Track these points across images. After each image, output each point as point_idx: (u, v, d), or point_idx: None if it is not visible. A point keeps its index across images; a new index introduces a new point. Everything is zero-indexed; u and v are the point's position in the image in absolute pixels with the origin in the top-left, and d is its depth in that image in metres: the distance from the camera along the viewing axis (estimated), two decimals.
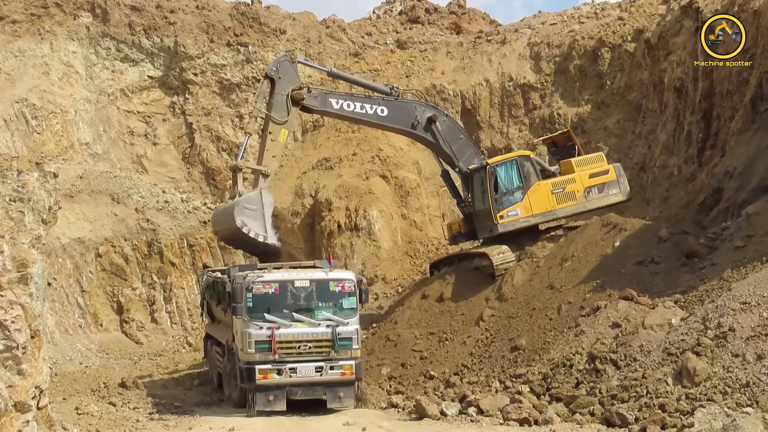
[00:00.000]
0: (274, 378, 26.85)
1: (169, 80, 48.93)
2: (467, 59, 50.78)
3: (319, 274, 28.21)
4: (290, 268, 29.65)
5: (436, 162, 39.68)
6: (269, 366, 26.83)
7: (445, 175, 36.96)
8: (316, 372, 27.10)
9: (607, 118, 46.30)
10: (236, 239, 32.87)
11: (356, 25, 56.12)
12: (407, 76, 50.43)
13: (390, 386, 30.63)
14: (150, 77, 48.83)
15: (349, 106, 34.79)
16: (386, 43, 53.85)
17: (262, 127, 33.60)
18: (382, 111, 35.17)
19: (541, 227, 35.67)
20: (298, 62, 35.03)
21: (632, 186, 42.37)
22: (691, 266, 29.37)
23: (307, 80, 36.77)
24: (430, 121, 35.52)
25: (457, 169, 35.89)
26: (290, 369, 26.92)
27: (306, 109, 34.75)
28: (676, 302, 27.06)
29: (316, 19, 53.81)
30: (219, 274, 32.45)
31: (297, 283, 27.56)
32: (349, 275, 28.60)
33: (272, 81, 33.39)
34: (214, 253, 44.15)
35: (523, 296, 31.65)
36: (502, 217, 34.60)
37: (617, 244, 31.32)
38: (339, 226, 43.65)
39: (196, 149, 47.99)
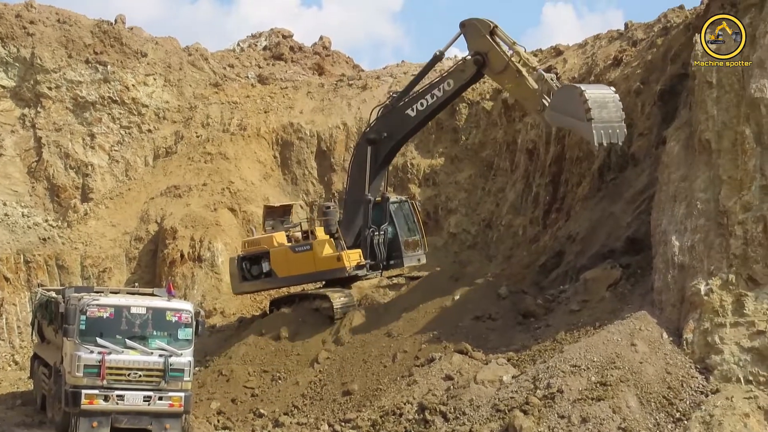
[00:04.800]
0: (100, 404, 26.32)
1: (22, 92, 47.75)
2: (327, 101, 50.88)
3: (156, 303, 27.86)
4: (128, 293, 29.23)
5: (288, 199, 39.75)
6: (96, 391, 26.29)
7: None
8: (144, 401, 26.67)
9: (459, 172, 46.74)
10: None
11: (219, 56, 55.77)
12: (266, 112, 50.28)
13: (218, 421, 30.33)
14: (2, 87, 47.61)
15: None
16: (248, 77, 53.65)
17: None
18: None
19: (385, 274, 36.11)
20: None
21: (477, 242, 43.09)
22: (526, 325, 29.88)
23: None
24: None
25: (368, 195, 35.22)
26: (118, 396, 26.43)
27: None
28: (509, 360, 27.47)
29: (179, 46, 53.32)
30: (54, 294, 31.76)
31: (133, 310, 27.14)
32: (186, 306, 28.32)
33: None
34: (51, 272, 43.15)
35: (360, 341, 31.69)
36: None
37: (457, 297, 31.66)
38: (182, 256, 43.10)
39: (42, 164, 46.86)
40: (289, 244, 36.34)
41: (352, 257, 34.70)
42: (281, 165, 48.93)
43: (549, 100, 30.65)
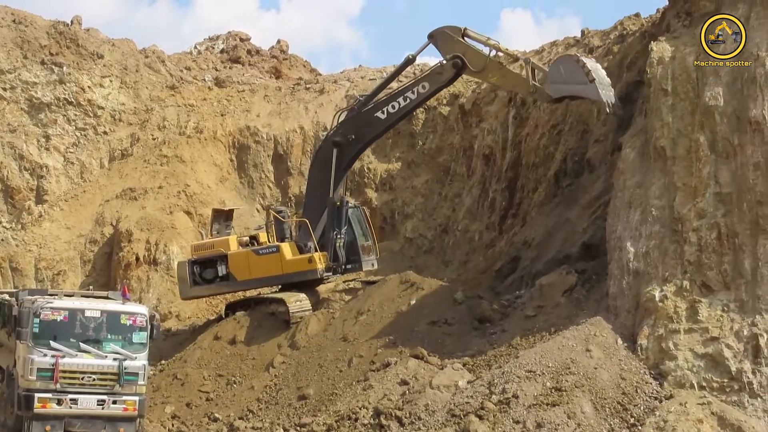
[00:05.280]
0: (53, 408, 26.02)
1: None
2: (284, 104, 50.84)
3: (111, 306, 27.56)
4: (82, 296, 29.01)
5: (244, 203, 39.70)
6: (49, 395, 26.02)
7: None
8: (97, 405, 26.39)
9: (415, 177, 46.83)
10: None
11: (176, 58, 55.60)
12: (222, 115, 50.20)
13: (173, 425, 30.15)
14: None
15: None
16: (204, 80, 53.52)
17: None
18: None
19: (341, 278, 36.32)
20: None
21: (434, 247, 43.12)
22: (482, 331, 29.91)
23: None
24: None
25: (340, 195, 35.77)
26: (71, 400, 26.13)
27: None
28: (464, 365, 27.50)
29: (135, 48, 53.15)
30: (7, 296, 31.43)
31: (87, 313, 26.83)
32: (141, 309, 28.05)
33: None
34: (5, 274, 42.86)
35: (316, 346, 31.62)
36: None
37: (413, 302, 31.64)
38: (137, 259, 42.92)
39: None
40: (253, 247, 36.26)
41: (322, 259, 34.81)
42: (238, 168, 48.87)
43: (537, 81, 32.06)
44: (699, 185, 25.87)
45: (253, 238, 37.13)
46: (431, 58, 51.73)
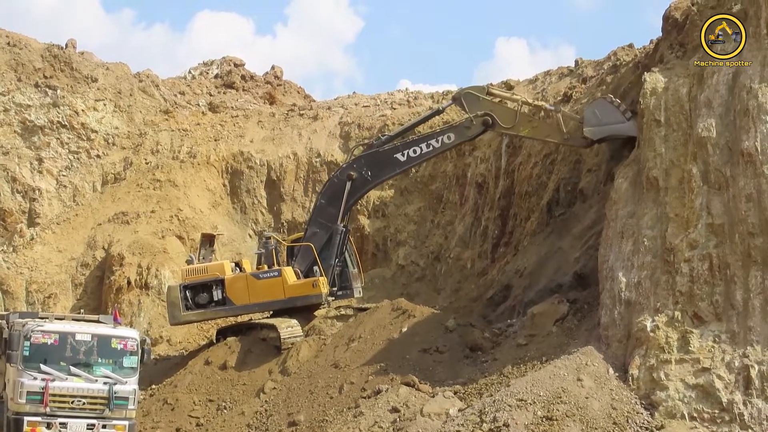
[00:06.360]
0: None
1: None
2: (278, 130, 50.84)
3: (101, 330, 27.49)
4: (73, 320, 28.95)
5: (236, 228, 39.69)
6: (39, 419, 25.89)
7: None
8: (87, 429, 26.27)
9: (408, 204, 46.82)
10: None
11: (170, 83, 55.64)
12: (216, 140, 50.19)
13: None
14: None
15: None
16: (198, 105, 53.55)
17: None
18: None
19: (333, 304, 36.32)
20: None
21: (425, 274, 43.03)
22: (474, 359, 29.89)
23: None
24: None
25: (343, 224, 35.99)
26: (61, 424, 26.00)
27: None
28: (455, 393, 27.46)
29: (129, 72, 53.15)
30: None
31: (78, 337, 26.75)
32: (132, 333, 27.97)
33: None
34: None
35: (307, 372, 31.58)
36: None
37: (405, 329, 31.64)
38: (129, 283, 42.81)
39: None
40: (251, 271, 36.28)
41: (326, 284, 34.87)
42: (230, 193, 48.84)
43: (567, 127, 32.66)
44: (691, 216, 25.92)
45: (237, 264, 37.21)
46: (425, 85, 51.82)
